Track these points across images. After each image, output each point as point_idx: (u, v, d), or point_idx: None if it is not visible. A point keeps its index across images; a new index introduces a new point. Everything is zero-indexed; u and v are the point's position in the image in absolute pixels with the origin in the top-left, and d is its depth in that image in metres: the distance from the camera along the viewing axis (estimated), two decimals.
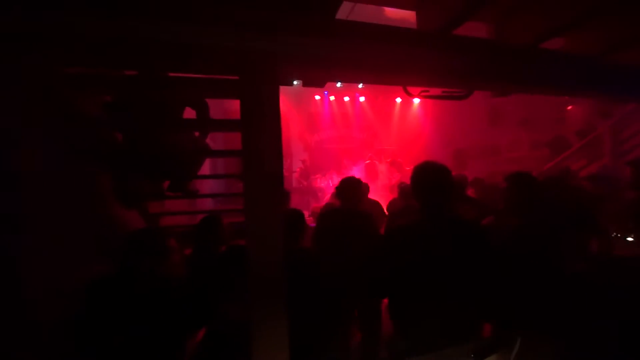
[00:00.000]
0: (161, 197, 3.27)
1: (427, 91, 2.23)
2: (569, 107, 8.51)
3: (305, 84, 1.88)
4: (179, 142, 2.79)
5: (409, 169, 9.19)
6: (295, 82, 1.96)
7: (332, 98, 9.92)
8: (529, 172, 2.41)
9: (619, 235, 3.06)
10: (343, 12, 1.86)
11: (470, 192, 3.93)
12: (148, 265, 1.46)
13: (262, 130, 1.39)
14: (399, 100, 10.01)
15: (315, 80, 1.86)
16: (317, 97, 9.85)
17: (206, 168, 6.22)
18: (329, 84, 2.38)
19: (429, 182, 1.66)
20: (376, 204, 4.47)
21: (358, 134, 10.48)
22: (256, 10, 1.33)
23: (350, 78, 1.98)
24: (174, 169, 2.91)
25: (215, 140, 6.47)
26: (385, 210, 4.14)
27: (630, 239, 3.02)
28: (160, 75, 2.18)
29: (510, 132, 9.26)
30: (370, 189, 7.70)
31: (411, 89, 2.28)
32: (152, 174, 2.91)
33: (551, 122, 8.66)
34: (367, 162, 9.30)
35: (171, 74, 2.17)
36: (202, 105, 2.86)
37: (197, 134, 3.05)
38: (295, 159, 9.88)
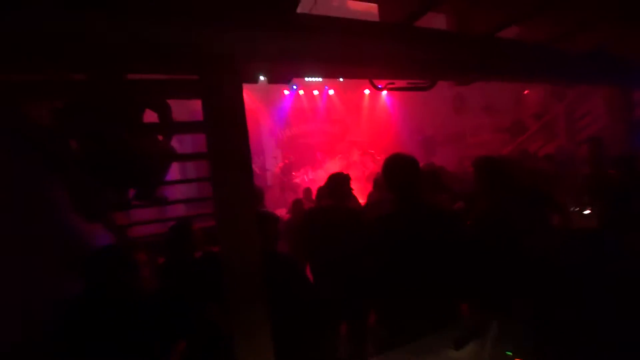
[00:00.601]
0: (126, 206, 3.09)
1: (393, 83, 2.25)
2: (526, 92, 8.98)
3: (271, 80, 1.83)
4: (141, 147, 2.64)
5: (380, 158, 9.39)
6: (261, 78, 1.90)
7: (301, 92, 9.84)
8: (494, 156, 2.50)
9: (576, 209, 3.29)
10: (306, 6, 1.81)
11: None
12: (117, 283, 1.38)
13: (228, 130, 1.33)
14: (367, 92, 10.12)
15: (280, 77, 1.81)
16: (286, 92, 9.73)
17: (176, 172, 5.96)
18: (297, 78, 2.33)
19: (399, 173, 1.70)
20: (352, 197, 4.51)
21: (329, 127, 10.50)
22: (213, 6, 1.27)
23: (315, 73, 1.96)
24: (137, 176, 2.75)
25: (183, 143, 6.22)
26: (361, 203, 4.20)
27: (586, 212, 3.26)
28: (115, 78, 2.03)
29: (474, 118, 9.66)
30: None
31: (378, 82, 2.29)
32: (113, 183, 2.74)
33: (510, 107, 9.12)
34: (339, 156, 9.36)
35: (127, 76, 2.03)
36: (163, 107, 2.71)
37: (160, 137, 2.90)
38: (268, 155, 9.75)
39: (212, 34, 1.26)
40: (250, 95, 8.67)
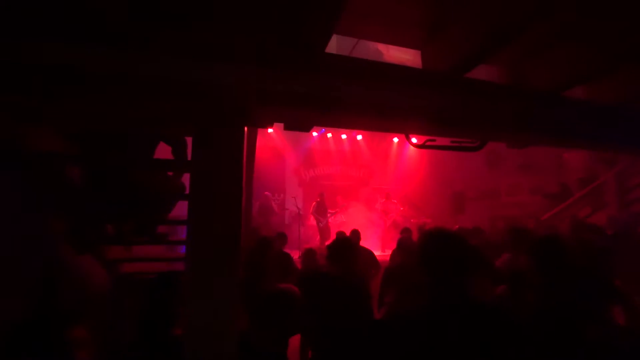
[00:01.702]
0: (122, 241, 2.86)
1: (434, 140, 1.93)
2: (565, 154, 8.39)
3: (288, 127, 1.57)
4: (146, 181, 2.45)
5: (403, 209, 8.89)
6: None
7: (329, 135, 9.80)
8: (551, 236, 2.10)
9: None
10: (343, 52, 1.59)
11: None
12: None
13: (217, 179, 1.05)
14: (396, 140, 9.91)
15: (299, 124, 1.54)
16: (315, 134, 9.72)
17: None
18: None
19: (439, 256, 1.34)
20: (368, 253, 4.11)
21: (354, 172, 10.24)
22: (221, 40, 1.03)
23: (342, 123, 1.69)
24: (138, 211, 2.53)
25: None
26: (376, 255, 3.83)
27: None
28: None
29: (509, 176, 9.07)
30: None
31: (415, 138, 1.98)
32: (111, 215, 2.53)
33: (551, 167, 8.51)
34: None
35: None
36: (178, 142, 2.56)
37: (170, 173, 2.71)
38: (288, 194, 9.52)
39: (216, 70, 1.01)
40: (277, 131, 8.67)
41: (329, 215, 8.34)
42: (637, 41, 1.51)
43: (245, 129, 1.23)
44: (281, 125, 1.72)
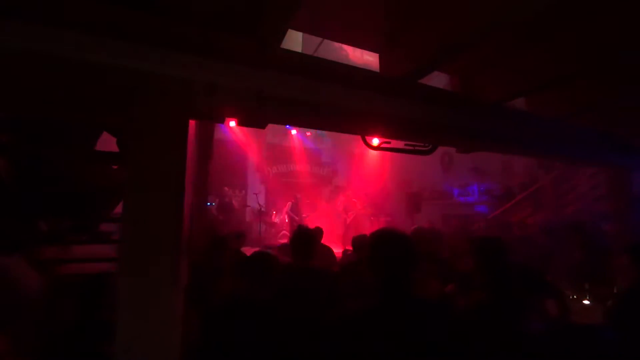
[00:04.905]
0: (57, 240, 2.59)
1: (389, 143, 1.98)
2: (510, 160, 9.08)
3: (240, 122, 1.51)
4: (86, 174, 2.24)
5: (361, 207, 9.14)
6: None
7: (294, 132, 9.72)
8: (497, 238, 2.26)
9: (575, 297, 2.95)
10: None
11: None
12: None
13: (157, 171, 0.97)
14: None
15: (252, 120, 1.49)
16: (293, 129, 9.60)
17: None
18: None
19: (386, 255, 1.39)
20: (327, 250, 4.15)
21: (318, 170, 10.28)
22: (164, 26, 0.95)
23: (297, 121, 1.67)
24: (74, 207, 2.31)
25: None
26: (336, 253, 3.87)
27: (586, 302, 2.91)
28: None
29: (461, 178, 9.64)
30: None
31: (371, 139, 2.02)
32: (44, 211, 2.29)
33: (498, 171, 9.18)
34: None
35: None
36: (124, 133, 2.36)
37: (114, 166, 2.50)
38: (250, 191, 9.32)
39: (160, 58, 0.93)
40: (241, 127, 8.44)
41: (304, 217, 8.39)
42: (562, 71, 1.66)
43: (192, 122, 1.16)
44: None
